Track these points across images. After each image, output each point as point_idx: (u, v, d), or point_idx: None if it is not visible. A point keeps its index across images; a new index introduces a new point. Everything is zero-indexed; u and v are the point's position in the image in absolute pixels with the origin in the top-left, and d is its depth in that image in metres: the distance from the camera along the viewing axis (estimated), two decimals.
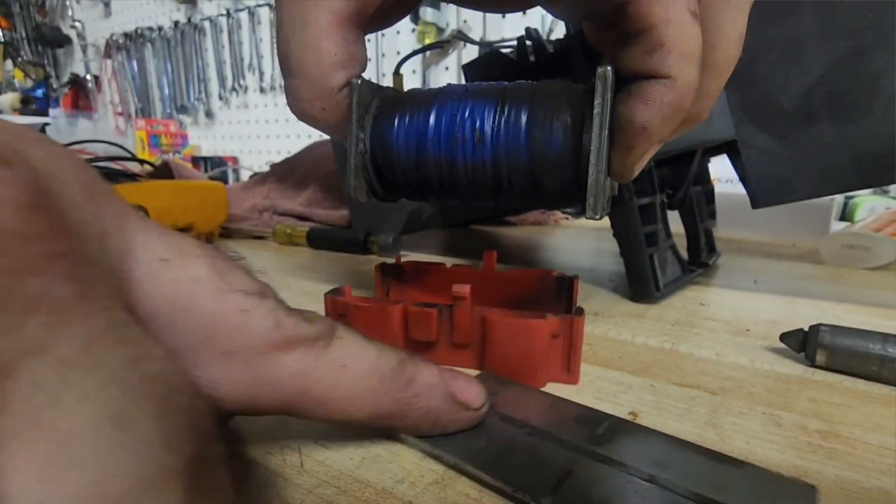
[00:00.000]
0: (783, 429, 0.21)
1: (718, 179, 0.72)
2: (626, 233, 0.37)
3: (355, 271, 0.47)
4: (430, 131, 0.21)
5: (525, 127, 0.20)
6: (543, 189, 0.21)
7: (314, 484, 0.17)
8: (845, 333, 0.25)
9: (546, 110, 0.20)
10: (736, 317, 0.34)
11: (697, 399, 0.23)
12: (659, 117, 0.17)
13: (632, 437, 0.19)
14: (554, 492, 0.16)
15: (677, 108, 0.18)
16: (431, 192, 0.23)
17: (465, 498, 0.16)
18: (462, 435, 0.19)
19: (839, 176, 0.34)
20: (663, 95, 0.17)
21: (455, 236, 0.66)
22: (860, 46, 0.33)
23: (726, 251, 0.55)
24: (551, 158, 0.20)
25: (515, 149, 0.20)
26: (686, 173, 0.41)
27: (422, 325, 0.25)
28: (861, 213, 0.80)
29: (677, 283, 0.40)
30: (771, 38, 0.34)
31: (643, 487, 0.16)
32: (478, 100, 0.21)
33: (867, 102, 0.33)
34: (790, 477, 0.16)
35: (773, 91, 0.35)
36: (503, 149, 0.20)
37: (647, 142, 0.18)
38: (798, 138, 0.35)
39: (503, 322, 0.24)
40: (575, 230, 0.74)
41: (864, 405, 0.23)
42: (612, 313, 0.35)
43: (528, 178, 0.21)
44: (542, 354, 0.24)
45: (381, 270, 0.33)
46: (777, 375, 0.25)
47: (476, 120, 0.21)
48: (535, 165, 0.20)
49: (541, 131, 0.20)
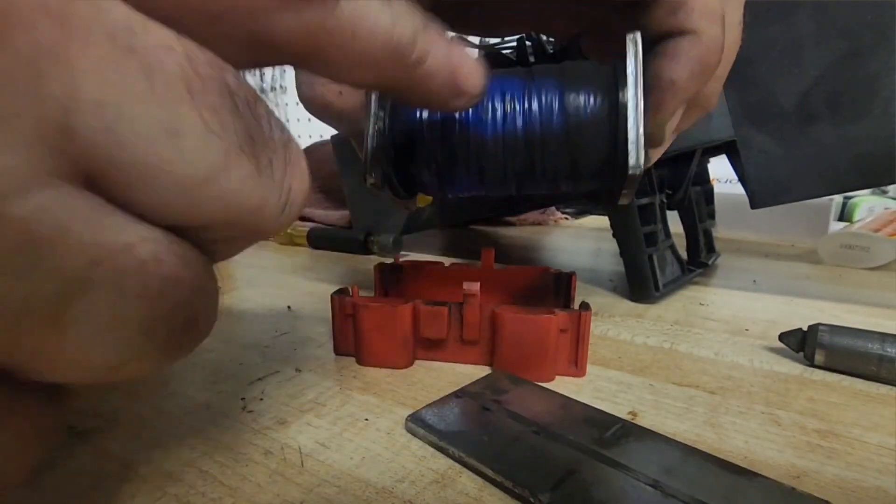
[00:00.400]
0: (782, 428, 0.21)
1: (718, 179, 0.72)
2: (625, 233, 0.37)
3: (355, 271, 0.47)
4: None
5: (558, 93, 0.19)
6: (578, 161, 0.19)
7: (314, 483, 0.17)
8: (844, 333, 0.25)
9: (577, 78, 0.19)
10: (735, 316, 0.34)
11: (696, 398, 0.23)
12: (686, 71, 0.18)
13: (641, 443, 0.19)
14: (554, 489, 0.16)
15: (704, 63, 0.18)
16: (457, 177, 0.21)
17: (465, 497, 0.16)
18: (468, 430, 0.19)
19: (838, 176, 0.35)
20: (689, 50, 0.18)
21: (455, 236, 0.66)
22: (859, 47, 0.33)
23: (725, 251, 0.55)
24: (587, 121, 0.19)
25: (549, 116, 0.19)
26: (685, 173, 0.42)
27: (433, 324, 0.25)
28: (860, 213, 0.80)
29: (676, 283, 0.40)
30: (770, 39, 0.34)
31: (646, 492, 0.16)
32: (505, 76, 0.20)
33: (866, 103, 0.33)
34: (803, 491, 0.16)
35: (772, 91, 0.35)
36: (536, 118, 0.19)
37: (675, 98, 0.18)
38: (797, 139, 0.35)
39: (513, 318, 0.24)
40: (574, 230, 0.74)
41: (863, 404, 0.23)
42: (611, 313, 0.35)
43: (563, 147, 0.19)
44: (551, 349, 0.24)
45: (380, 270, 0.33)
46: (776, 375, 0.26)
47: (506, 91, 0.19)
48: (570, 132, 0.19)
49: (574, 97, 0.19)
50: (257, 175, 0.09)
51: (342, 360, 0.27)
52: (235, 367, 0.26)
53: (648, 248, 0.37)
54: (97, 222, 0.08)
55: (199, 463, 0.18)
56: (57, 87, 0.07)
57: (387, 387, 0.24)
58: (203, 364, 0.26)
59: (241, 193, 0.09)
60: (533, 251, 0.59)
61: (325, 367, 0.26)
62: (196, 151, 0.08)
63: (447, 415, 0.20)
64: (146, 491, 0.17)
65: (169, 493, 0.16)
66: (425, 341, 0.26)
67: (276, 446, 0.19)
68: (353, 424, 0.21)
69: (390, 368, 0.26)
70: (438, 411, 0.21)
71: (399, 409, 0.22)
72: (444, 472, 0.18)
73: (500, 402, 0.21)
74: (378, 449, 0.19)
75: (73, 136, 0.07)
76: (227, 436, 0.20)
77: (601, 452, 0.18)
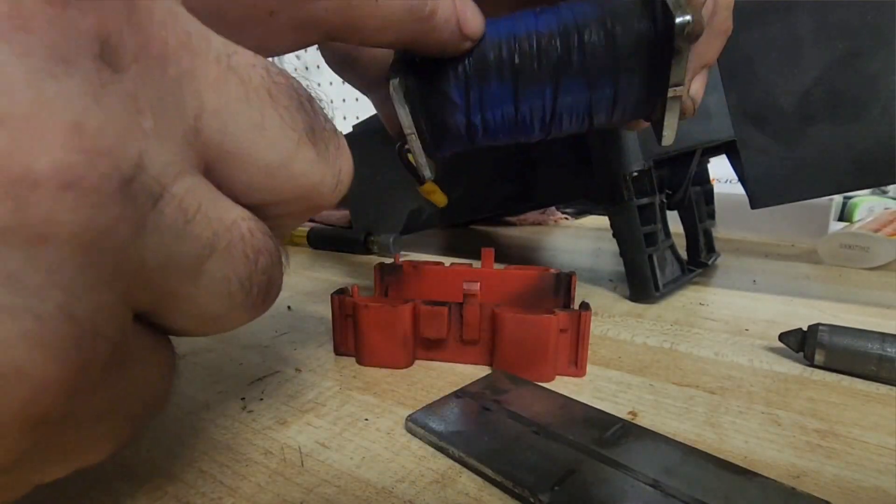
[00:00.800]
0: (782, 428, 0.21)
1: (717, 180, 0.72)
2: (625, 233, 0.37)
3: (355, 271, 0.47)
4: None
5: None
6: (618, 47, 0.18)
7: (314, 483, 0.17)
8: (843, 333, 0.25)
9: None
10: (735, 316, 0.34)
11: (696, 398, 0.23)
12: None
13: (642, 443, 0.19)
14: (554, 489, 0.16)
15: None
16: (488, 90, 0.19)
17: (465, 497, 0.16)
18: (468, 430, 0.19)
19: (838, 176, 0.35)
20: None
21: (455, 236, 0.66)
22: (858, 47, 0.33)
23: (725, 251, 0.55)
24: (624, 3, 0.18)
25: (582, 6, 0.18)
26: (685, 173, 0.42)
27: (433, 323, 0.25)
28: (859, 213, 0.80)
29: (676, 282, 0.40)
30: (770, 39, 0.34)
31: (645, 492, 0.16)
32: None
33: (865, 103, 0.33)
34: (803, 491, 0.16)
35: (771, 92, 0.35)
36: (569, 13, 0.18)
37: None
38: (797, 139, 0.35)
39: (514, 318, 0.24)
40: (574, 230, 0.74)
41: (863, 404, 0.23)
42: (611, 313, 0.35)
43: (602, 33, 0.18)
44: (551, 349, 0.24)
45: (379, 270, 0.33)
46: (776, 375, 0.26)
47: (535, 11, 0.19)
48: (604, 12, 0.18)
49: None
50: (318, 159, 0.12)
51: (342, 360, 0.27)
52: (235, 367, 0.26)
53: (648, 248, 0.37)
54: (217, 202, 0.10)
55: (199, 463, 0.18)
56: (192, 99, 0.10)
57: (387, 387, 0.24)
58: (203, 364, 0.26)
59: (307, 174, 0.12)
60: (533, 251, 0.59)
61: (325, 367, 0.26)
62: (276, 142, 0.11)
63: (447, 415, 0.20)
64: (146, 491, 0.17)
65: (169, 493, 0.16)
66: (425, 341, 0.26)
67: (275, 446, 0.19)
68: (353, 424, 0.21)
69: (390, 368, 0.26)
70: (438, 411, 0.21)
71: (399, 409, 0.22)
72: (444, 472, 0.18)
73: (500, 402, 0.21)
74: (378, 449, 0.19)
75: (200, 135, 0.10)
76: (227, 436, 0.20)
77: (601, 452, 0.18)
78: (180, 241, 0.10)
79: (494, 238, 0.67)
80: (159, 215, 0.09)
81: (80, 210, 0.08)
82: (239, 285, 0.11)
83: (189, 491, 0.17)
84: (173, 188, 0.09)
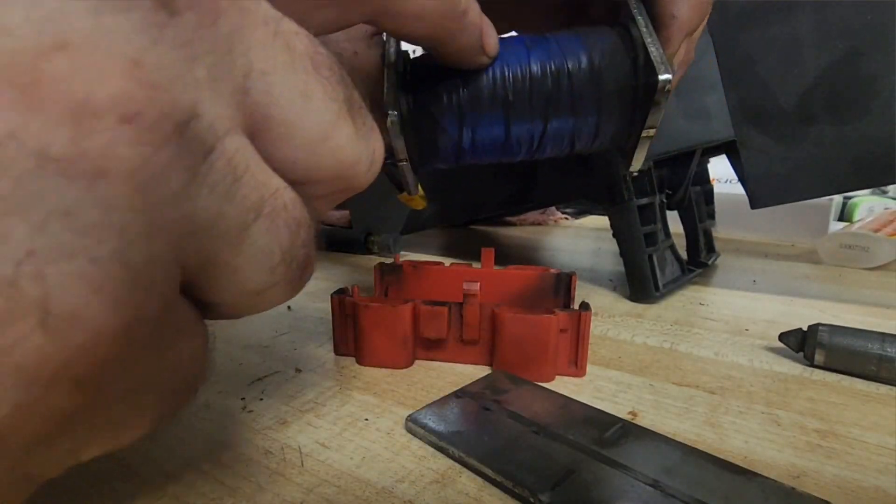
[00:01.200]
0: (782, 428, 0.21)
1: (717, 180, 0.72)
2: (625, 233, 0.37)
3: (355, 271, 0.47)
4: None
5: (576, 37, 0.20)
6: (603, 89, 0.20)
7: (314, 483, 0.17)
8: (843, 333, 0.25)
9: (588, 28, 0.20)
10: (735, 316, 0.34)
11: (696, 398, 0.23)
12: (686, 5, 0.20)
13: (642, 443, 0.19)
14: (554, 489, 0.16)
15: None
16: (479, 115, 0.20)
17: (465, 497, 0.16)
18: (468, 430, 0.19)
19: (837, 176, 0.35)
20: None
21: (455, 236, 0.66)
22: (858, 48, 0.33)
23: (725, 251, 0.55)
24: (608, 47, 0.20)
25: (571, 45, 0.20)
26: (685, 173, 0.42)
27: (433, 323, 0.25)
28: (859, 213, 0.80)
29: (676, 282, 0.40)
30: (770, 39, 0.34)
31: (645, 491, 0.16)
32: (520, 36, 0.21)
33: (865, 103, 0.33)
34: (802, 491, 0.16)
35: (771, 92, 0.35)
36: (558, 51, 0.20)
37: (680, 31, 0.20)
38: (797, 139, 0.35)
39: (514, 318, 0.24)
40: (574, 230, 0.74)
41: (862, 404, 0.23)
42: (611, 313, 0.35)
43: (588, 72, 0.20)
44: (551, 349, 0.24)
45: (380, 270, 0.33)
46: (776, 375, 0.26)
47: (526, 40, 0.20)
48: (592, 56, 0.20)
49: (592, 34, 0.20)
50: (356, 135, 0.12)
51: (342, 360, 0.27)
52: (235, 366, 0.26)
53: (648, 248, 0.37)
54: (263, 168, 0.10)
55: (199, 463, 0.18)
56: (241, 58, 0.10)
57: (387, 387, 0.24)
58: None
59: (346, 150, 0.12)
60: (533, 251, 0.59)
61: (325, 367, 0.26)
62: (319, 112, 0.11)
63: (447, 415, 0.20)
64: (146, 491, 0.17)
65: (169, 493, 0.16)
66: (425, 341, 0.26)
67: (275, 446, 0.19)
68: (353, 424, 0.21)
69: (390, 368, 0.26)
70: (438, 411, 0.21)
71: (399, 409, 0.22)
72: (444, 472, 0.18)
73: (500, 402, 0.21)
74: (378, 449, 0.19)
75: (248, 95, 0.10)
76: (227, 436, 0.20)
77: (601, 452, 0.18)
78: (228, 200, 0.09)
79: (494, 238, 0.67)
80: (209, 168, 0.09)
81: (139, 146, 0.08)
82: (280, 256, 0.11)
83: (189, 491, 0.17)
84: (224, 143, 0.09)
